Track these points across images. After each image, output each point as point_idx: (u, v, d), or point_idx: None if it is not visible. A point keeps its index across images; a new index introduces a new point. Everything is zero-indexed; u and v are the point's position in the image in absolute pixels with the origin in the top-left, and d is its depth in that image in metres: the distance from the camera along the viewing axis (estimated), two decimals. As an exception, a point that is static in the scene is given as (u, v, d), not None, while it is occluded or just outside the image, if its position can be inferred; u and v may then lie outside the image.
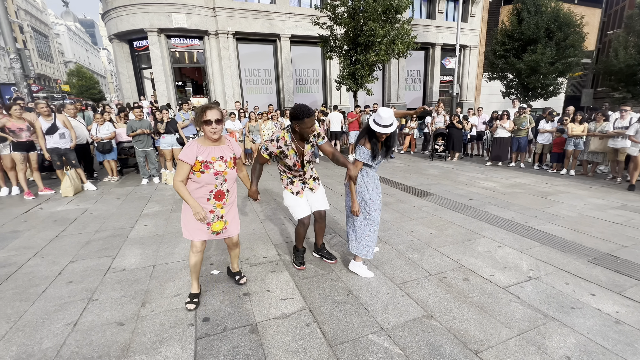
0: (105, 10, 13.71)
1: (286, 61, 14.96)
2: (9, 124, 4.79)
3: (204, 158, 2.03)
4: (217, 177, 2.09)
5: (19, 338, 1.99)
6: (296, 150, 2.49)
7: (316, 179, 2.76)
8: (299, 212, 2.66)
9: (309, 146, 2.52)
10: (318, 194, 2.74)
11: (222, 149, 2.12)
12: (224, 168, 2.10)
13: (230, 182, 2.19)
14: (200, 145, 2.05)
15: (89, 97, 33.02)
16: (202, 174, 2.04)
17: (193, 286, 2.36)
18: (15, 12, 48.75)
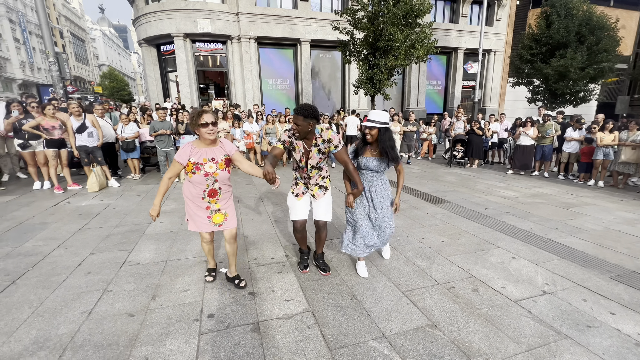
0: (136, 16, 14.45)
1: (306, 65, 15.13)
2: (43, 123, 5.14)
3: (195, 160, 2.16)
4: (208, 178, 2.20)
5: (39, 323, 2.12)
6: (301, 146, 2.49)
7: (323, 187, 2.65)
8: (292, 214, 2.70)
9: (316, 150, 2.47)
10: (320, 203, 2.65)
11: (214, 150, 2.22)
12: (214, 169, 2.20)
13: (222, 181, 2.30)
14: (194, 147, 2.18)
15: (119, 99, 34.75)
16: (193, 175, 2.17)
17: (210, 262, 2.69)
18: (56, 18, 52.22)
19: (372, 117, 2.45)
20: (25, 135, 5.29)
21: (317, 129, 2.43)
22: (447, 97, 18.92)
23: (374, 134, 2.46)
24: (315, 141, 2.45)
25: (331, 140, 2.42)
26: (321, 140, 2.44)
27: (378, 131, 2.45)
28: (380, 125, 2.42)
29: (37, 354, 1.85)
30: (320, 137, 2.44)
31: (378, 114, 2.45)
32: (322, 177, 2.65)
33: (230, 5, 13.68)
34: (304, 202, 2.66)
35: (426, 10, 9.12)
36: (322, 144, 2.45)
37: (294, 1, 14.62)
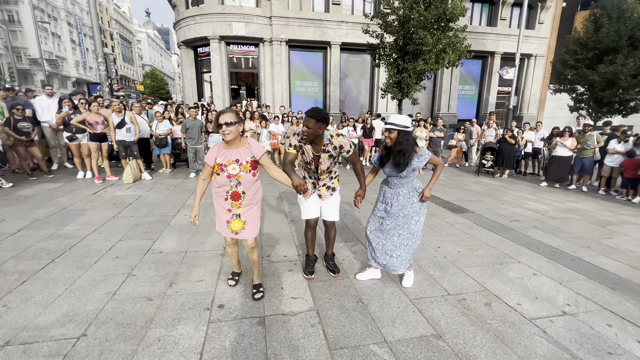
0: (177, 20, 15.32)
1: (335, 68, 15.23)
2: (88, 118, 5.63)
3: (220, 161, 2.14)
4: (231, 180, 2.15)
5: (70, 299, 2.35)
6: (309, 150, 2.51)
7: (331, 188, 2.68)
8: (304, 213, 2.71)
9: (326, 155, 2.49)
10: (328, 203, 2.69)
11: (239, 151, 2.16)
12: (237, 171, 2.14)
13: (246, 184, 2.19)
14: (221, 147, 2.18)
15: (158, 97, 36.88)
16: (217, 176, 2.16)
17: (235, 267, 2.69)
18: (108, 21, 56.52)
19: (393, 120, 2.39)
20: (73, 129, 5.82)
21: (327, 135, 2.46)
22: (480, 103, 18.17)
23: (394, 137, 2.38)
24: (324, 147, 2.47)
25: (342, 146, 2.47)
26: (332, 147, 2.47)
27: (397, 134, 2.37)
28: (400, 128, 2.36)
29: (66, 326, 2.06)
30: (330, 143, 2.46)
31: (399, 117, 2.38)
32: (331, 178, 2.68)
33: (264, 9, 14.10)
34: (313, 201, 2.67)
35: (460, 13, 8.85)
36: (333, 150, 2.48)
37: (325, 5, 14.79)
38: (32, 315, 2.15)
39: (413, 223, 2.55)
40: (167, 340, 1.97)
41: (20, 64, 32.42)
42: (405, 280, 2.74)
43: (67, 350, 1.85)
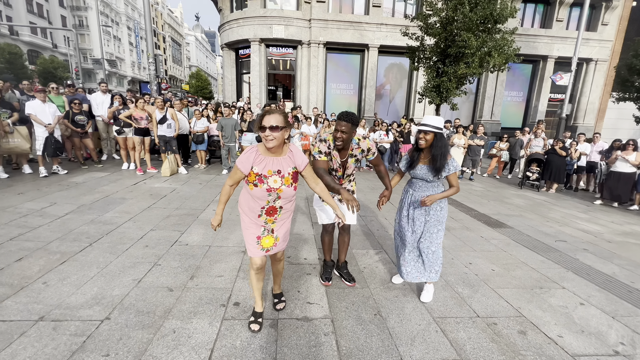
0: (222, 23, 16.07)
1: (371, 71, 15.02)
2: (134, 113, 6.04)
3: (259, 170, 1.79)
4: (270, 194, 1.82)
5: (100, 282, 2.49)
6: (337, 157, 2.41)
7: (350, 191, 2.64)
8: (322, 217, 2.64)
9: (352, 160, 2.45)
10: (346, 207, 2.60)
11: (281, 161, 1.83)
12: (279, 185, 1.81)
13: (285, 200, 1.90)
14: (259, 153, 1.81)
15: (201, 96, 38.95)
16: (254, 187, 1.80)
17: (257, 303, 2.15)
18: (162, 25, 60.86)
19: (428, 121, 2.28)
20: (121, 123, 6.28)
21: (355, 140, 2.42)
22: (528, 111, 16.88)
23: (429, 139, 2.28)
24: (351, 152, 2.41)
25: (370, 149, 2.45)
26: (359, 150, 2.43)
27: (434, 136, 2.27)
28: (437, 130, 2.25)
29: (93, 307, 2.17)
30: (358, 147, 2.42)
31: (433, 118, 2.28)
32: (350, 182, 2.64)
33: (304, 12, 14.30)
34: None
35: (509, 15, 8.27)
36: (360, 153, 2.45)
37: (365, 7, 14.65)
38: (66, 295, 2.30)
39: (435, 232, 2.43)
40: (182, 333, 2.00)
41: (85, 64, 36.02)
42: (424, 295, 2.57)
43: (90, 332, 1.94)
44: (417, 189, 2.46)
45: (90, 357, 1.76)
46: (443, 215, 2.44)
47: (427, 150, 2.36)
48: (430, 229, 2.43)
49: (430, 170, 2.33)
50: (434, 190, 2.41)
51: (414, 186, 2.49)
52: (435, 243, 2.45)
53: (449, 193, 2.35)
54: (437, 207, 2.41)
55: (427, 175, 2.36)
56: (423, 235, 2.45)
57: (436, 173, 2.31)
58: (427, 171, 2.36)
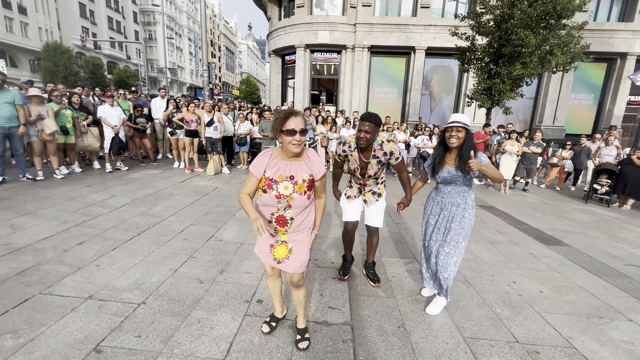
0: (270, 31, 16.80)
1: (417, 74, 14.52)
2: (186, 117, 6.56)
3: (270, 174, 1.66)
4: (280, 201, 1.67)
5: (142, 269, 2.72)
6: (357, 158, 2.48)
7: (377, 194, 2.64)
8: (345, 215, 2.74)
9: (375, 161, 2.45)
10: (372, 209, 2.65)
11: (296, 166, 1.68)
12: (290, 192, 1.66)
13: (297, 209, 1.72)
14: (273, 157, 1.69)
15: (250, 101, 41.02)
16: (263, 193, 1.67)
17: (276, 309, 2.11)
18: (218, 36, 65.45)
19: (458, 118, 2.14)
20: (174, 125, 6.86)
21: (377, 141, 2.42)
22: (600, 115, 14.92)
23: (462, 137, 2.12)
24: (374, 152, 2.42)
25: (393, 152, 2.42)
26: (382, 153, 2.42)
27: (466, 134, 2.12)
28: (469, 128, 2.12)
29: (133, 291, 2.38)
30: (380, 149, 2.41)
31: (462, 116, 2.15)
32: (377, 184, 2.64)
33: (350, 17, 14.35)
34: (355, 204, 2.69)
35: (577, 8, 7.42)
36: (383, 156, 2.43)
37: (413, 9, 14.24)
38: (113, 277, 2.56)
39: (460, 241, 2.27)
40: (206, 324, 2.09)
41: (151, 72, 40.14)
42: (431, 307, 2.40)
43: (128, 314, 2.13)
44: (444, 194, 2.32)
45: (125, 336, 1.92)
46: (468, 224, 2.26)
47: (454, 151, 2.20)
48: (454, 238, 2.27)
49: (458, 172, 2.16)
50: (462, 196, 2.26)
51: (440, 192, 2.36)
52: (457, 254, 2.27)
53: (494, 172, 2.14)
54: (464, 214, 2.25)
55: (454, 178, 2.21)
56: (446, 244, 2.30)
57: (466, 174, 2.14)
58: (454, 173, 2.19)
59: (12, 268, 2.57)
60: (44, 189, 4.81)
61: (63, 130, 5.56)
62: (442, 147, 2.26)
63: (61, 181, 5.31)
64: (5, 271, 2.52)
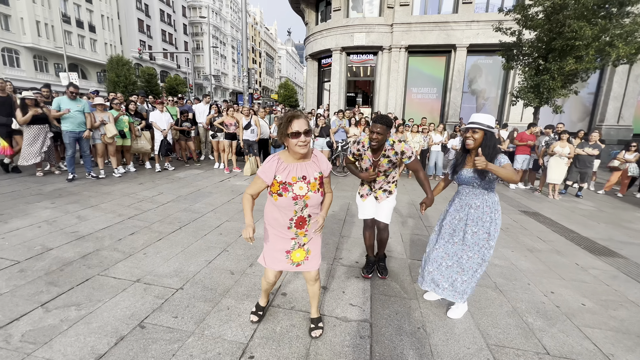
0: (307, 35, 17.20)
1: (458, 72, 13.92)
2: (225, 120, 7.01)
3: (283, 178, 1.70)
4: (297, 202, 1.72)
5: (181, 259, 3.01)
6: (370, 157, 2.60)
7: (387, 191, 2.73)
8: (360, 214, 2.86)
9: (385, 160, 2.55)
10: (382, 205, 2.74)
11: (306, 166, 1.74)
12: (305, 191, 1.71)
13: (313, 207, 1.80)
14: (281, 161, 1.73)
15: (287, 104, 42.12)
16: (279, 197, 1.71)
17: (262, 298, 2.21)
18: (259, 42, 68.13)
19: (476, 119, 2.13)
20: (215, 129, 7.35)
21: (389, 141, 2.53)
22: (677, 113, 13.07)
23: (479, 138, 2.09)
24: (385, 152, 2.53)
25: (404, 152, 2.51)
26: (393, 152, 2.52)
27: (484, 135, 2.09)
28: (486, 128, 2.08)
29: (172, 278, 2.65)
30: (391, 149, 2.52)
31: (482, 116, 2.13)
32: (388, 182, 2.73)
33: (387, 18, 14.20)
34: (369, 202, 2.80)
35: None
36: (394, 155, 2.53)
37: (454, 5, 13.68)
38: (157, 265, 2.86)
39: (485, 247, 2.18)
40: (234, 311, 2.27)
41: (197, 80, 43.05)
42: (453, 311, 2.36)
43: (167, 297, 2.38)
44: (462, 195, 2.26)
45: (164, 316, 2.16)
46: (493, 228, 2.16)
47: (473, 152, 2.16)
48: (477, 242, 2.19)
49: (475, 173, 2.11)
50: (483, 198, 2.18)
51: (459, 193, 2.31)
52: (485, 262, 2.20)
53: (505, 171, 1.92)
54: (485, 217, 2.16)
55: (472, 180, 2.15)
56: (468, 248, 2.22)
57: (483, 176, 2.09)
58: (472, 174, 2.15)
59: (77, 252, 2.99)
60: (105, 185, 5.46)
61: (121, 134, 6.25)
62: (462, 148, 2.24)
63: (118, 179, 5.98)
64: (72, 254, 2.94)
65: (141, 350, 1.84)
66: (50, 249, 3.01)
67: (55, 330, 1.96)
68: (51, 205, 4.23)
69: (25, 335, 1.90)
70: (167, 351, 1.85)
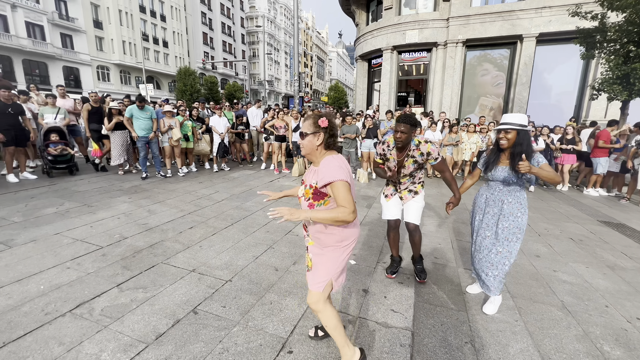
0: (357, 36, 17.12)
1: (525, 65, 12.58)
2: (276, 123, 7.32)
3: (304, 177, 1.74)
4: (300, 203, 1.71)
5: (231, 253, 3.22)
6: (395, 156, 2.61)
7: (413, 192, 2.72)
8: (384, 214, 2.85)
9: (410, 161, 2.55)
10: (409, 206, 2.73)
11: (312, 172, 1.66)
12: (301, 194, 1.69)
13: None
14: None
15: (337, 106, 42.34)
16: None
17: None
18: (310, 47, 69.77)
19: (508, 119, 2.22)
20: (268, 131, 7.72)
21: (414, 141, 2.52)
22: None
23: (511, 138, 2.19)
24: (409, 152, 2.54)
25: (430, 153, 2.49)
26: (418, 153, 2.51)
27: (517, 134, 2.17)
28: (519, 127, 2.16)
29: (223, 270, 2.85)
30: (417, 149, 2.51)
31: (515, 116, 2.20)
32: (414, 183, 2.72)
33: (442, 12, 13.48)
34: (393, 203, 2.79)
35: None
36: (420, 156, 2.52)
37: (521, -9, 12.41)
38: (210, 257, 3.11)
39: (514, 241, 2.27)
40: (276, 306, 2.36)
41: (253, 85, 45.61)
42: (488, 306, 2.40)
43: (217, 288, 2.57)
44: (495, 191, 2.35)
45: (214, 304, 2.34)
46: (523, 222, 2.26)
47: (507, 151, 2.26)
48: (508, 237, 2.27)
49: (511, 172, 2.21)
50: (514, 195, 2.27)
51: (491, 189, 2.39)
52: (513, 255, 2.29)
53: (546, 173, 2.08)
54: (517, 213, 2.25)
55: (507, 177, 2.25)
56: (498, 243, 2.31)
57: (518, 174, 2.19)
58: (507, 172, 2.24)
59: (146, 242, 3.40)
60: (171, 183, 6.10)
61: (185, 137, 6.92)
62: (496, 146, 2.31)
63: (182, 178, 6.63)
64: (142, 243, 3.35)
65: (193, 334, 2.02)
66: (125, 238, 3.47)
67: (126, 308, 2.25)
68: (128, 200, 4.86)
69: (104, 310, 2.22)
70: (215, 337, 2.00)
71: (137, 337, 1.97)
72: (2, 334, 1.94)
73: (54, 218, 3.94)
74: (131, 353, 1.84)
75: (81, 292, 2.42)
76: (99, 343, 1.91)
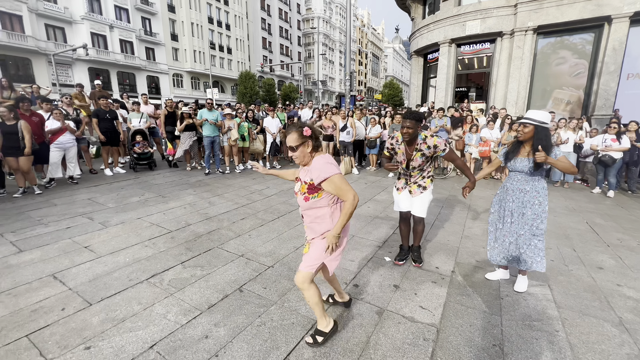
0: (413, 31, 16.57)
1: (614, 51, 10.88)
2: (324, 123, 7.59)
3: (299, 173, 1.95)
4: (297, 197, 1.93)
5: (275, 243, 3.55)
6: (404, 150, 2.81)
7: (422, 186, 2.88)
8: (395, 206, 3.11)
9: (419, 154, 2.73)
10: (416, 199, 2.92)
11: (305, 170, 1.86)
12: (297, 189, 1.90)
13: (304, 209, 1.90)
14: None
15: (392, 104, 41.26)
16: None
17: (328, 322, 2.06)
18: (365, 44, 68.95)
19: (529, 115, 2.43)
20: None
21: (421, 136, 2.70)
22: None
23: (527, 132, 2.41)
24: (417, 146, 2.72)
25: (437, 146, 2.68)
26: (425, 146, 2.69)
27: (534, 129, 2.38)
28: (537, 123, 2.36)
29: (267, 257, 3.19)
30: (424, 142, 2.69)
31: (536, 113, 2.41)
32: (423, 177, 2.89)
33: (509, -2, 12.33)
34: (404, 196, 2.99)
35: None
36: (427, 149, 2.70)
37: (610, -34, 10.73)
38: (256, 245, 3.48)
39: (535, 225, 2.48)
40: (310, 292, 2.59)
41: (307, 86, 46.86)
42: (519, 284, 2.68)
43: (260, 272, 2.91)
44: (513, 181, 2.56)
45: (257, 285, 2.67)
46: (543, 209, 2.46)
47: (528, 144, 2.46)
48: (535, 219, 2.46)
49: (530, 163, 2.42)
50: (533, 184, 2.48)
51: (511, 179, 2.58)
52: (537, 237, 2.49)
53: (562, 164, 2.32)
54: (536, 202, 2.46)
55: (525, 168, 2.45)
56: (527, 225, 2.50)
57: (538, 165, 2.39)
58: (526, 163, 2.44)
59: (205, 229, 3.92)
60: (228, 179, 6.78)
61: (242, 137, 7.59)
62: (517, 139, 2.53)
63: (238, 174, 7.30)
64: (202, 230, 3.88)
65: (237, 308, 2.35)
66: (189, 224, 4.05)
67: (187, 282, 2.70)
68: (193, 193, 5.58)
69: (171, 282, 2.70)
70: (255, 312, 2.31)
71: (194, 305, 2.37)
72: (101, 291, 2.52)
73: (137, 205, 4.75)
74: (189, 317, 2.24)
75: (155, 266, 2.96)
76: (166, 306, 2.35)
